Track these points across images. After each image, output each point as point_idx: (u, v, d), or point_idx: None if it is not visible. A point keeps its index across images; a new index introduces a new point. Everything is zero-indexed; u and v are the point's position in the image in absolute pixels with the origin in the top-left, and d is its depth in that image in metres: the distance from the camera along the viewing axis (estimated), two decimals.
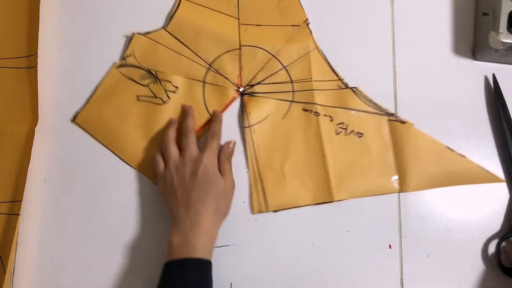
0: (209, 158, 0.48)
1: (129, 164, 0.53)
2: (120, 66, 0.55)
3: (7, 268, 0.48)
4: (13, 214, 0.50)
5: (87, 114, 0.54)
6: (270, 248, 0.51)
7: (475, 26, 0.55)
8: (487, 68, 0.55)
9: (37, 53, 0.53)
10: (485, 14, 0.53)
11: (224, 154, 0.51)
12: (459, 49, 0.55)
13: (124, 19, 0.56)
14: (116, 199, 0.53)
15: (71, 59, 0.56)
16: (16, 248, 0.51)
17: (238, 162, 0.53)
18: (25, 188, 0.50)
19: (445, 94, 0.54)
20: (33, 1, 0.54)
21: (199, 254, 0.44)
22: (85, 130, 0.54)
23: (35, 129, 0.52)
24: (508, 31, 0.50)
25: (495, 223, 0.52)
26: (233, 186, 0.50)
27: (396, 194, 0.52)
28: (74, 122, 0.54)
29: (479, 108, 0.54)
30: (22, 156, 0.52)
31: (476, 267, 0.51)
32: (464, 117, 0.54)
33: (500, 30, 0.50)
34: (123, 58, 0.55)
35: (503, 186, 0.52)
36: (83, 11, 0.57)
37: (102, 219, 0.52)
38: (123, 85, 0.54)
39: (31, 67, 0.53)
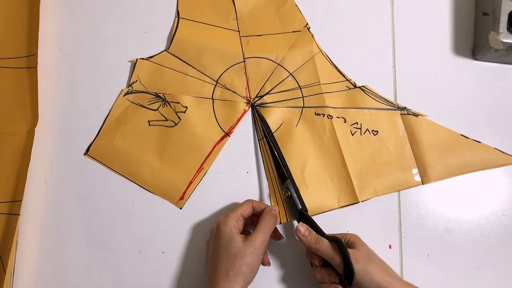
0: (222, 220, 0.46)
1: (148, 190, 0.52)
2: (127, 93, 0.54)
3: (7, 268, 0.48)
4: (13, 214, 0.50)
5: (99, 145, 0.53)
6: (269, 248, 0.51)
7: (475, 26, 0.55)
8: (487, 68, 0.55)
9: (37, 53, 0.53)
10: (485, 14, 0.53)
11: (266, 211, 0.47)
12: (459, 49, 0.55)
13: (123, 20, 0.56)
14: (116, 199, 0.53)
15: (71, 60, 0.56)
16: (16, 248, 0.51)
17: (239, 161, 0.53)
18: (25, 188, 0.50)
19: (445, 94, 0.54)
20: (33, 1, 0.54)
21: None
22: (99, 162, 0.53)
23: (35, 129, 0.52)
24: (508, 31, 0.50)
25: (495, 223, 0.52)
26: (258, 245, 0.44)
27: (396, 195, 0.52)
28: (87, 155, 0.53)
29: (479, 108, 0.54)
30: (22, 156, 0.52)
31: (476, 267, 0.51)
32: (464, 117, 0.54)
33: (500, 30, 0.50)
34: (129, 85, 0.54)
35: (502, 186, 0.52)
36: (83, 11, 0.57)
37: (102, 219, 0.52)
38: (133, 112, 0.54)
39: (31, 67, 0.53)
